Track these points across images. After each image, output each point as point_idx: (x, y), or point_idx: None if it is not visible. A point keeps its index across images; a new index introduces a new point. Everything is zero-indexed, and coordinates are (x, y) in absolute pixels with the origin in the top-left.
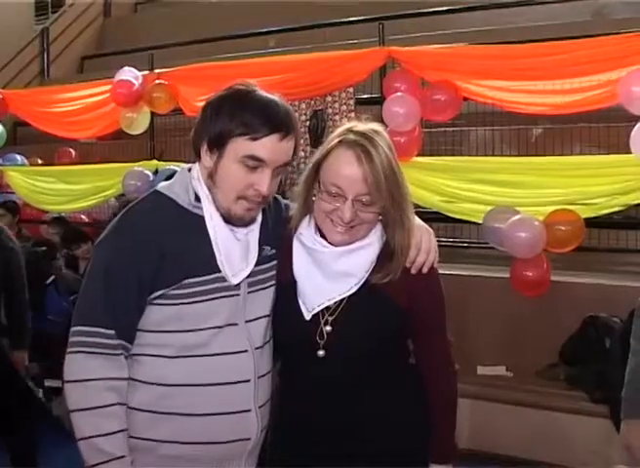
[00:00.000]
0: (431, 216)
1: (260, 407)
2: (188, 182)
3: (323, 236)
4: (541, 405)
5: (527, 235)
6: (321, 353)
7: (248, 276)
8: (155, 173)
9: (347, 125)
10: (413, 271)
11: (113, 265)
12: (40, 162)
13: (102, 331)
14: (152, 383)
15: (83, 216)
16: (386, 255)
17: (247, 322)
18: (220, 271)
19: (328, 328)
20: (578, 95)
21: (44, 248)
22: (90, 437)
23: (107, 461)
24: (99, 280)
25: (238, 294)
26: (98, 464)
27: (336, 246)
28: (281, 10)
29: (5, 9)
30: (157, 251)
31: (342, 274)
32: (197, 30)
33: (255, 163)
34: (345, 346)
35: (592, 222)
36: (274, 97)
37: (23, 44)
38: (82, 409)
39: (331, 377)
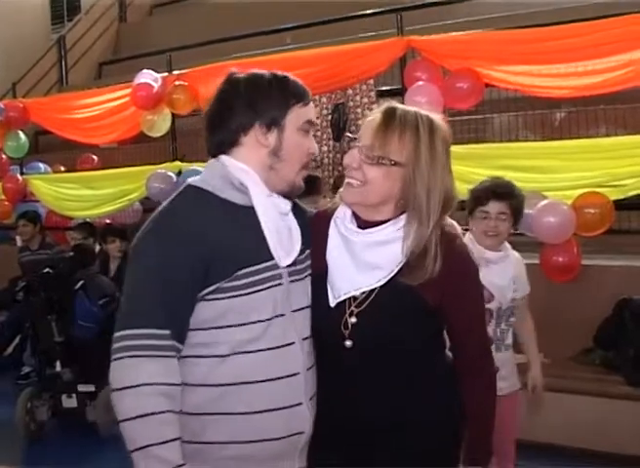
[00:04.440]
0: (458, 205)
1: (310, 399)
2: (227, 172)
3: (359, 226)
4: (578, 390)
5: (556, 220)
6: (348, 343)
7: (288, 265)
8: (178, 174)
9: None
10: None
11: (166, 261)
12: (63, 169)
13: (156, 331)
14: (207, 385)
15: (108, 221)
16: (418, 257)
17: (293, 312)
18: (267, 260)
19: (353, 319)
20: (600, 76)
21: (71, 253)
22: (147, 446)
23: None
24: (150, 277)
25: (281, 284)
26: None
27: (350, 206)
28: (297, 6)
29: (21, 19)
30: (206, 244)
31: (371, 265)
32: (213, 30)
33: (309, 127)
34: (369, 340)
35: (621, 204)
36: None
37: (41, 53)
38: (137, 417)
39: (356, 369)
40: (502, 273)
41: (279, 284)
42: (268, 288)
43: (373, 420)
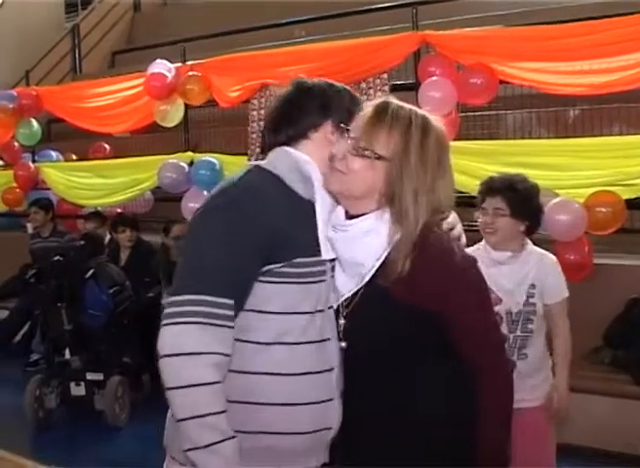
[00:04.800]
0: (469, 201)
1: (339, 396)
2: (296, 162)
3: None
4: (587, 389)
5: (567, 218)
6: (343, 345)
7: (331, 261)
8: (190, 164)
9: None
10: None
11: (234, 232)
12: (74, 158)
13: (222, 300)
14: (248, 373)
15: (119, 210)
16: (391, 255)
17: (329, 309)
18: (318, 255)
19: (342, 321)
20: (615, 74)
21: (82, 242)
22: (204, 415)
23: (225, 440)
24: (217, 246)
25: (326, 280)
26: (213, 444)
27: (335, 196)
28: None
29: (36, 7)
30: (270, 225)
31: (353, 264)
32: (227, 22)
33: None
34: (356, 342)
35: (633, 203)
36: None
37: (55, 41)
38: (196, 385)
39: (353, 370)
40: (512, 275)
41: (324, 280)
42: (316, 282)
43: (370, 421)
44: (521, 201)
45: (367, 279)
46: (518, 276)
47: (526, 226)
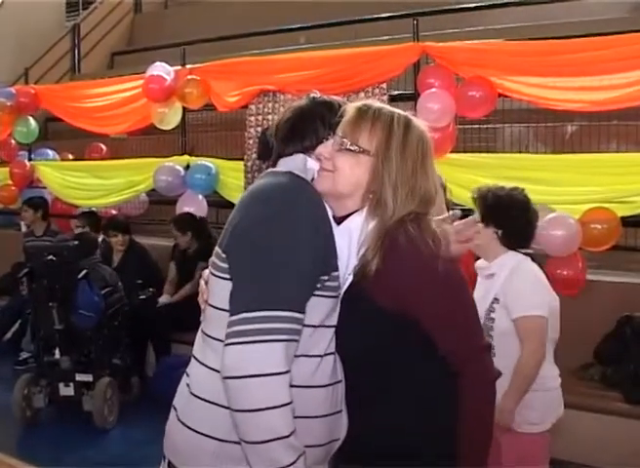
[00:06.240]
0: (464, 214)
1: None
2: (312, 170)
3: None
4: (576, 405)
5: (562, 233)
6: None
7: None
8: (187, 168)
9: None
10: None
11: (305, 241)
12: (71, 157)
13: (297, 315)
14: None
15: (114, 211)
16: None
17: None
18: (338, 269)
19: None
20: (614, 91)
21: (76, 242)
22: (287, 436)
23: (301, 455)
24: (292, 258)
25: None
26: (293, 463)
27: (323, 196)
28: (312, 6)
29: (37, 6)
30: (324, 234)
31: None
32: (228, 26)
33: None
34: (339, 349)
35: (629, 221)
36: None
37: (55, 40)
38: (278, 407)
39: (346, 379)
40: (481, 285)
41: (340, 292)
42: (338, 296)
43: (357, 431)
44: (488, 207)
45: (348, 282)
46: (484, 287)
47: (498, 235)
